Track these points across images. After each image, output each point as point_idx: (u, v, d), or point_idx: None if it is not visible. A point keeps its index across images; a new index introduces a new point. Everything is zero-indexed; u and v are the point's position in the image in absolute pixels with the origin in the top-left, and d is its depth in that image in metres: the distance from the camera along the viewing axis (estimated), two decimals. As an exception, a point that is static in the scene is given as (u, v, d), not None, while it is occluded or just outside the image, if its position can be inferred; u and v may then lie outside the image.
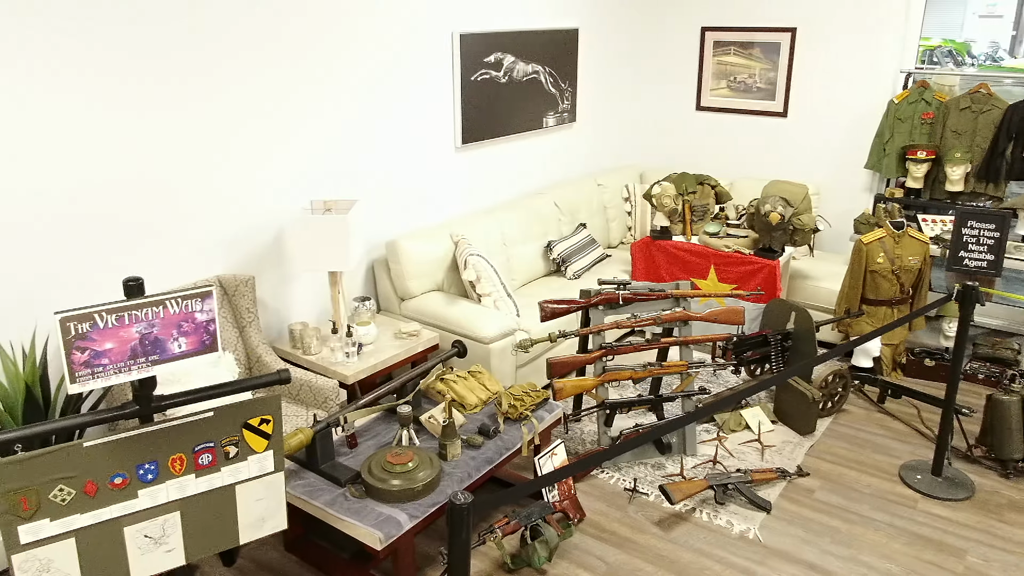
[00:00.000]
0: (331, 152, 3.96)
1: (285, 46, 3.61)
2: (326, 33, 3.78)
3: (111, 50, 2.99)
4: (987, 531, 3.26)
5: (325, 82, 3.83)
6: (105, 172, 3.07)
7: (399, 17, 4.13)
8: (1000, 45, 20.62)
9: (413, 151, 4.42)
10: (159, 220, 3.29)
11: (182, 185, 3.34)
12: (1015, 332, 5.17)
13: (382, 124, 4.19)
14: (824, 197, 5.54)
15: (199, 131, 3.35)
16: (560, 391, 3.49)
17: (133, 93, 3.09)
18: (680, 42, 5.98)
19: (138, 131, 3.14)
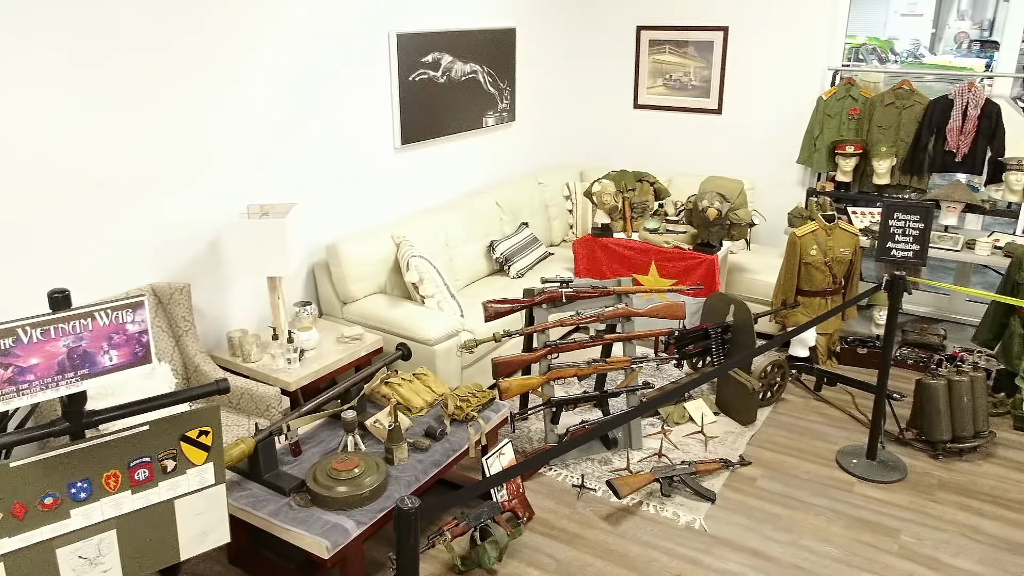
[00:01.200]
0: (268, 155, 3.88)
1: (219, 47, 3.52)
2: (261, 34, 3.70)
3: (36, 51, 2.87)
4: (919, 511, 3.39)
5: (260, 83, 3.75)
6: (26, 178, 2.94)
7: (335, 17, 4.07)
8: (921, 43, 21.36)
9: (352, 152, 4.36)
10: (87, 228, 3.17)
11: (111, 191, 3.23)
12: (941, 318, 5.39)
13: (320, 125, 4.13)
14: (759, 192, 5.68)
15: (128, 135, 3.24)
16: (506, 390, 3.49)
17: (57, 96, 2.97)
18: (616, 41, 6.05)
19: (62, 135, 3.02)
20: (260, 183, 3.87)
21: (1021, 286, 4.15)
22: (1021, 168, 4.58)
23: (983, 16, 23.23)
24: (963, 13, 23.51)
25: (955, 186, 4.89)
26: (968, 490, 3.53)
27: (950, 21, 23.34)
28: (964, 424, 3.74)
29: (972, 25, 22.83)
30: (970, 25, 22.82)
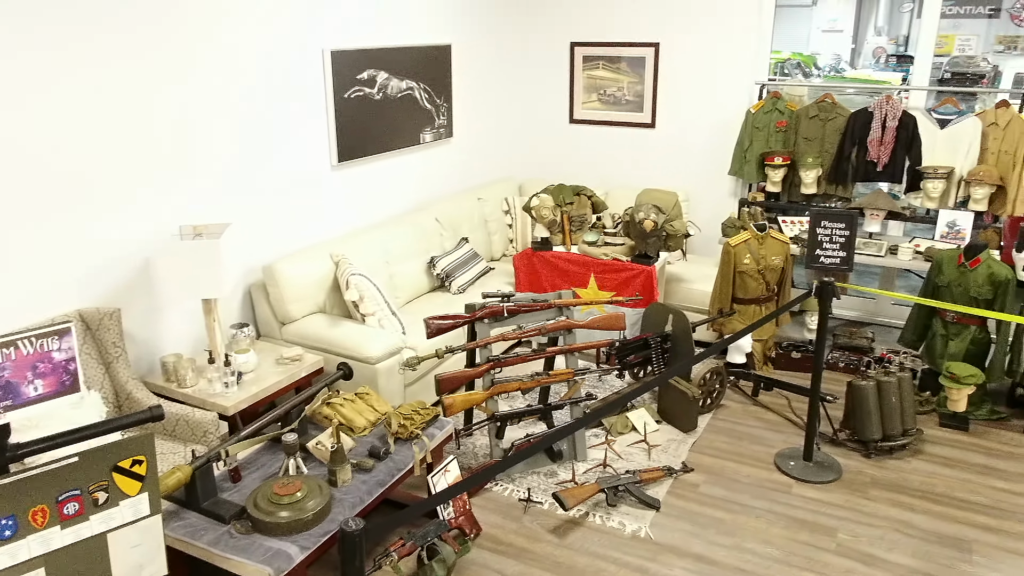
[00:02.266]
0: (201, 174, 3.80)
1: (149, 64, 3.44)
2: (192, 50, 3.63)
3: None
4: (854, 508, 3.50)
5: (191, 101, 3.68)
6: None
7: (268, 34, 4.03)
8: (842, 57, 22.28)
9: (288, 171, 4.31)
10: (7, 251, 3.04)
11: (32, 211, 3.11)
12: (869, 322, 5.60)
13: (254, 144, 4.06)
14: (693, 203, 5.81)
15: (50, 151, 3.13)
16: (450, 407, 3.48)
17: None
18: (551, 57, 6.13)
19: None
20: (193, 203, 3.79)
21: (941, 289, 4.34)
22: (937, 176, 4.80)
23: (899, 32, 24.34)
24: (880, 29, 24.60)
25: (877, 194, 5.10)
26: (899, 486, 3.66)
27: (868, 37, 24.38)
28: (893, 423, 3.89)
29: (889, 40, 23.90)
30: (887, 40, 23.88)
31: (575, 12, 5.93)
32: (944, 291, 4.32)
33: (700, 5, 5.51)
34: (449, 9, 5.40)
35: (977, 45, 22.67)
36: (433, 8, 5.24)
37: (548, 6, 6.02)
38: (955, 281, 4.26)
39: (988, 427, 4.19)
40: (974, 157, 4.82)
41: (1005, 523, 3.39)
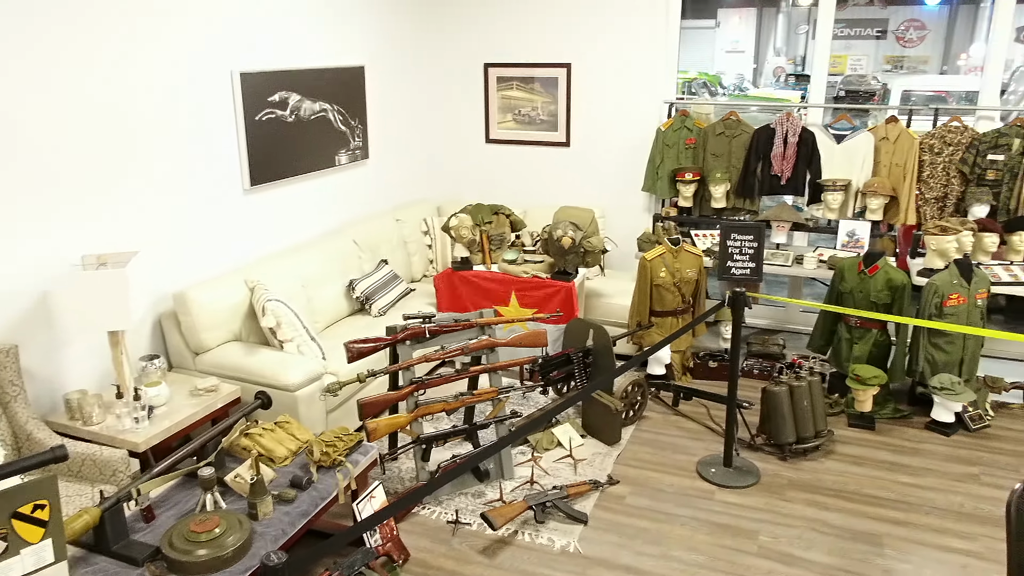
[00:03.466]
0: (104, 201, 3.64)
1: (47, 83, 3.28)
2: (92, 70, 3.49)
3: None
4: (773, 510, 3.61)
5: (94, 125, 3.53)
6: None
7: (174, 56, 3.91)
8: (745, 77, 23.28)
9: (198, 196, 4.18)
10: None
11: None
12: (780, 329, 5.82)
13: (162, 168, 3.93)
14: (609, 219, 5.93)
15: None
16: (374, 431, 3.42)
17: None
18: (466, 78, 6.18)
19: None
20: (96, 231, 3.63)
21: (844, 295, 4.56)
22: (836, 189, 5.05)
23: (796, 53, 25.64)
24: (779, 50, 25.85)
25: (782, 207, 5.33)
26: (814, 486, 3.80)
27: (768, 57, 25.60)
28: (806, 426, 4.04)
29: (787, 61, 25.14)
30: (785, 61, 25.11)
31: (488, 33, 6.00)
32: (847, 297, 4.53)
33: (609, 27, 5.66)
34: (361, 31, 5.38)
35: (867, 65, 24.08)
36: (345, 30, 5.20)
37: (461, 28, 6.07)
38: (856, 287, 4.48)
39: (892, 425, 4.40)
40: (868, 170, 5.10)
41: (912, 516, 3.56)
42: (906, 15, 23.51)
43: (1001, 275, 4.60)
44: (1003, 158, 4.80)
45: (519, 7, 5.86)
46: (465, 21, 6.04)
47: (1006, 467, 3.94)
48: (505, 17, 5.92)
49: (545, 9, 5.80)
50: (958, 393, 4.19)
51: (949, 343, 4.33)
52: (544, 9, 5.80)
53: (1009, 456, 4.05)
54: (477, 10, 5.98)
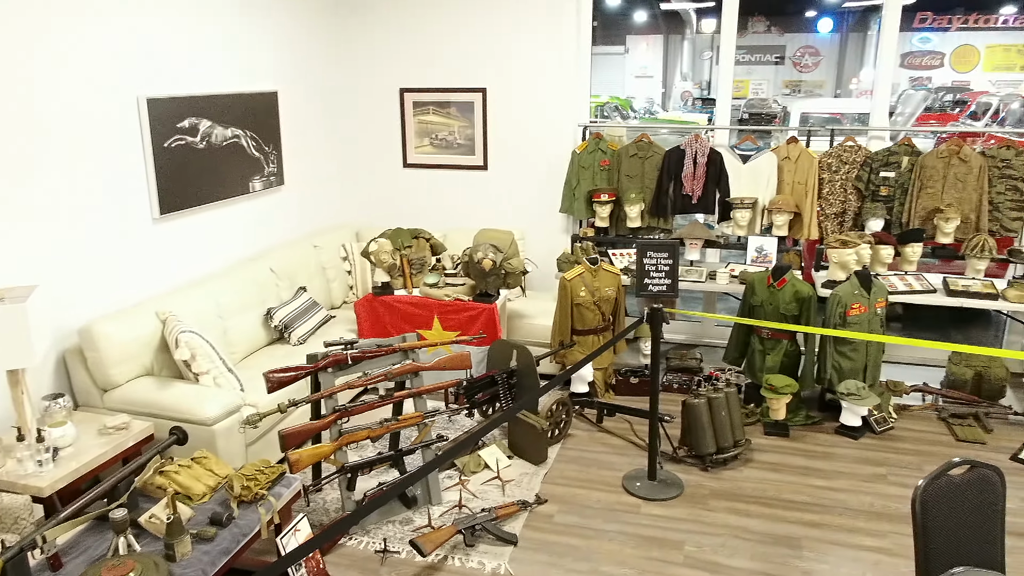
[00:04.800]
0: (1, 232, 3.46)
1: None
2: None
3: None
4: (697, 520, 3.70)
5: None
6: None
7: (77, 80, 3.76)
8: (654, 101, 24.03)
9: (104, 225, 4.01)
10: None
11: None
12: (696, 343, 5.99)
13: (64, 198, 3.76)
14: (528, 241, 6.00)
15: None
16: (296, 462, 3.34)
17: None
18: (381, 103, 6.17)
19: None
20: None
21: (755, 308, 4.74)
22: (744, 206, 5.26)
23: (701, 77, 26.69)
24: (685, 75, 26.85)
25: (694, 225, 5.51)
26: (735, 495, 3.92)
27: (676, 82, 26.54)
28: (725, 436, 4.16)
29: (694, 85, 26.13)
30: (692, 85, 26.09)
31: (403, 59, 6.02)
32: (758, 310, 4.71)
33: (523, 53, 5.77)
34: (274, 56, 5.31)
35: (768, 89, 25.25)
36: (257, 55, 5.13)
37: (376, 53, 6.06)
38: (766, 300, 4.67)
39: (805, 431, 4.58)
40: (773, 188, 5.34)
41: (827, 517, 3.71)
42: (801, 42, 24.85)
43: (897, 285, 4.87)
44: (894, 175, 5.11)
45: (434, 33, 5.91)
46: (380, 47, 6.04)
47: (910, 466, 4.16)
48: (420, 43, 5.95)
49: (460, 35, 5.86)
50: (863, 398, 4.41)
51: (853, 351, 4.56)
52: (459, 35, 5.86)
53: (912, 456, 4.27)
54: (392, 35, 6.00)
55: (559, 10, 5.63)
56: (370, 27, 6.03)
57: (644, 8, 23.50)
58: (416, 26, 5.93)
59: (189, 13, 4.50)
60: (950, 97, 17.03)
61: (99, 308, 4.00)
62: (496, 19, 5.76)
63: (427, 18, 5.89)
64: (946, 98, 17.03)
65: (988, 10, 21.54)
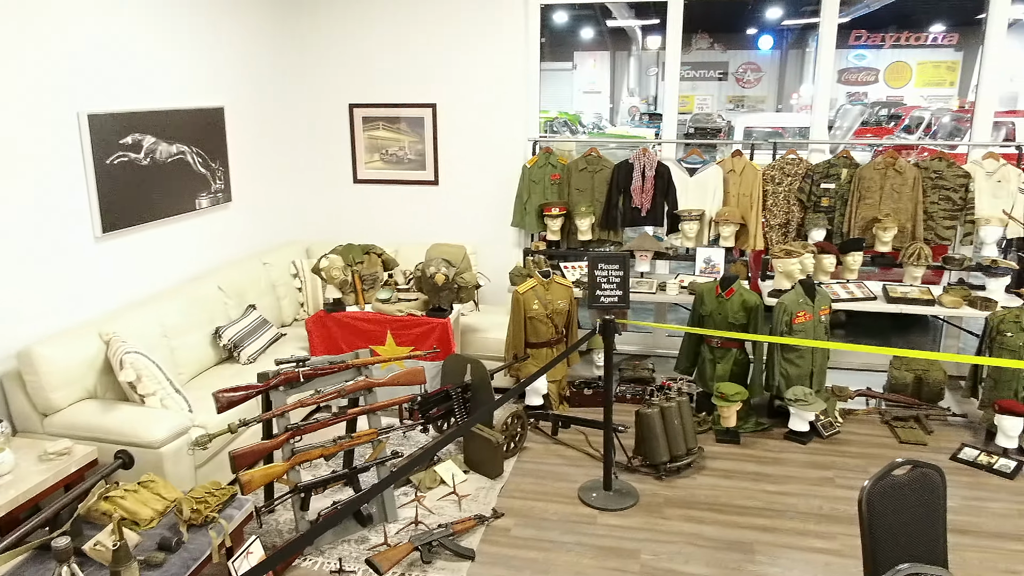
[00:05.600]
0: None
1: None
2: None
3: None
4: (653, 529, 3.74)
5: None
6: None
7: (12, 96, 3.66)
8: (603, 116, 24.38)
9: (43, 245, 3.89)
10: None
11: None
12: (648, 354, 6.07)
13: (1, 217, 3.64)
14: (481, 255, 6.02)
15: None
16: (248, 484, 3.27)
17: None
18: (331, 118, 6.13)
19: None
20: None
21: (705, 318, 4.82)
22: (691, 218, 5.37)
23: (648, 93, 27.17)
24: (632, 90, 27.30)
25: (644, 237, 5.59)
26: (688, 502, 3.97)
27: (623, 97, 26.97)
28: (678, 444, 4.22)
29: (641, 100, 26.59)
30: (639, 100, 26.54)
31: (352, 74, 6.00)
32: (707, 320, 4.80)
33: (472, 68, 5.81)
34: (220, 71, 5.24)
35: (712, 104, 25.83)
36: (202, 70, 5.05)
37: (325, 68, 6.03)
38: (715, 310, 4.76)
39: (755, 438, 4.67)
40: (719, 200, 5.46)
41: (778, 522, 3.78)
42: (744, 59, 25.52)
43: (840, 292, 5.02)
44: (834, 186, 5.27)
45: (383, 49, 5.91)
46: (329, 62, 6.01)
47: (856, 468, 4.27)
48: (369, 58, 5.95)
49: (409, 51, 5.87)
50: (810, 403, 4.52)
51: (800, 357, 4.67)
52: (408, 51, 5.88)
53: (858, 459, 4.39)
54: (341, 51, 5.98)
55: (507, 27, 5.69)
56: (319, 43, 6.00)
57: (591, 25, 23.85)
58: (365, 42, 5.93)
59: (131, 28, 4.42)
60: (885, 112, 17.67)
61: (39, 330, 3.88)
62: (445, 35, 5.79)
63: (376, 34, 5.90)
64: (881, 112, 17.66)
65: (918, 28, 22.46)
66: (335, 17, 5.93)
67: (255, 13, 5.61)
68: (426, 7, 5.78)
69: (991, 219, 5.04)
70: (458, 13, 5.74)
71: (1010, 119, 12.72)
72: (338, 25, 5.94)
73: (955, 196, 5.13)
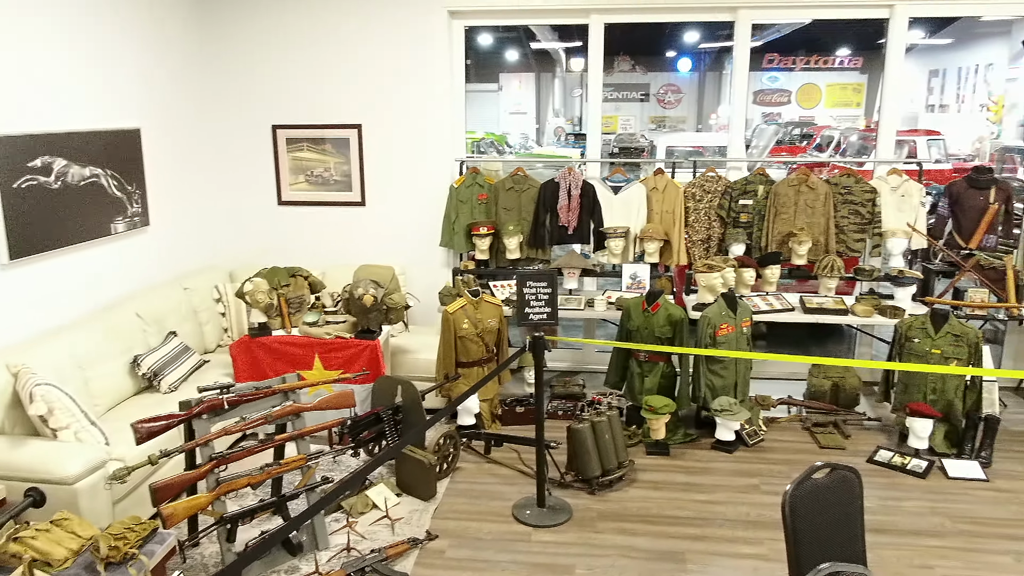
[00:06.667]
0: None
1: None
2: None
3: None
4: (587, 543, 3.76)
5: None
6: None
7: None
8: (529, 136, 24.66)
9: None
10: None
11: None
12: (579, 370, 6.13)
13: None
14: (409, 275, 5.99)
15: None
16: (170, 517, 3.15)
17: None
18: (253, 140, 6.02)
19: None
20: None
21: (632, 332, 4.91)
22: (616, 236, 5.47)
23: (572, 114, 27.66)
24: (558, 111, 27.75)
25: (571, 255, 5.67)
26: (621, 515, 4.01)
27: (549, 118, 27.38)
28: (610, 458, 4.27)
29: (566, 121, 27.04)
30: (564, 121, 26.99)
31: (275, 95, 5.92)
32: (635, 334, 4.89)
33: (397, 89, 5.80)
34: (135, 92, 5.09)
35: (635, 124, 26.48)
36: (116, 91, 4.90)
37: (246, 89, 5.93)
38: (642, 325, 4.86)
39: (684, 449, 4.77)
40: (643, 217, 5.59)
41: (708, 530, 3.86)
42: (664, 80, 26.29)
43: (760, 304, 5.19)
44: (752, 202, 5.47)
45: (306, 70, 5.85)
46: (250, 82, 5.92)
47: (780, 474, 4.40)
48: (292, 79, 5.88)
49: (333, 72, 5.84)
50: (735, 413, 4.64)
51: (724, 368, 4.80)
52: (332, 72, 5.84)
53: (782, 465, 4.53)
54: (262, 71, 5.89)
55: (432, 48, 5.72)
56: (239, 63, 5.90)
57: (516, 47, 24.18)
58: (288, 62, 5.86)
59: (38, 48, 4.26)
60: (798, 131, 18.46)
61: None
62: (370, 57, 5.78)
63: (299, 55, 5.84)
64: (794, 132, 18.44)
65: (826, 52, 23.60)
66: (255, 38, 5.84)
67: (171, 32, 5.49)
68: (349, 28, 5.76)
69: (897, 231, 5.31)
70: (382, 35, 5.74)
71: (911, 138, 13.46)
72: (258, 46, 5.86)
73: (863, 210, 5.38)
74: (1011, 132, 14.67)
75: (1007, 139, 14.40)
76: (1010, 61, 15.03)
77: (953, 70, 18.68)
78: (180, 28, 5.59)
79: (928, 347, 4.65)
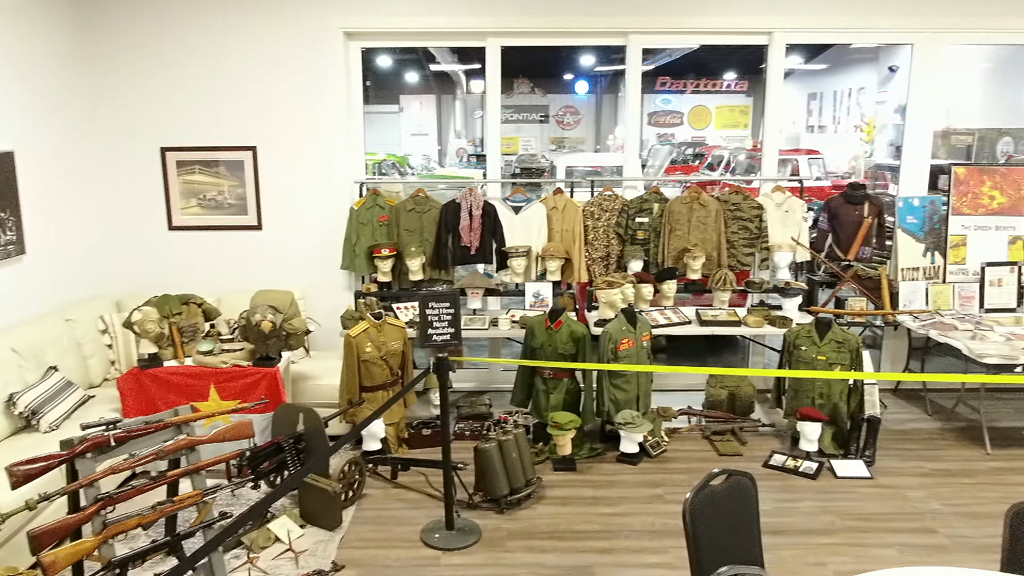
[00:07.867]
0: None
1: None
2: None
3: None
4: (497, 563, 3.75)
5: None
6: None
7: None
8: (431, 157, 24.69)
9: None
10: None
11: None
12: (485, 389, 6.13)
13: None
14: (310, 300, 5.85)
15: None
16: (52, 565, 2.94)
17: None
18: (141, 162, 5.77)
19: None
20: None
21: (536, 350, 4.96)
22: (518, 255, 5.53)
23: (474, 135, 27.86)
24: (459, 132, 27.89)
25: (474, 275, 5.69)
26: (530, 533, 4.03)
27: (450, 139, 27.47)
28: (517, 477, 4.28)
29: (468, 142, 27.19)
30: (466, 142, 27.14)
31: (164, 116, 5.69)
32: (539, 352, 4.94)
33: (293, 111, 5.70)
34: (7, 113, 4.79)
35: (536, 145, 26.90)
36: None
37: (131, 110, 5.68)
38: (546, 342, 4.91)
39: (591, 463, 4.83)
40: (544, 236, 5.68)
41: (615, 542, 3.92)
42: (563, 102, 26.86)
43: (658, 319, 5.35)
44: (648, 220, 5.64)
45: (196, 90, 5.67)
46: (137, 103, 5.67)
47: (682, 483, 4.53)
48: (182, 100, 5.68)
49: (224, 93, 5.67)
50: (638, 426, 4.75)
51: (626, 382, 4.91)
52: (224, 93, 5.67)
53: (684, 474, 4.66)
54: (149, 92, 5.66)
55: (329, 69, 5.65)
56: (123, 83, 5.65)
57: (416, 69, 24.17)
58: (177, 82, 5.66)
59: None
60: (690, 151, 19.21)
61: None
62: (264, 78, 5.66)
63: (189, 73, 5.65)
64: (687, 152, 19.18)
65: (714, 76, 24.72)
66: (142, 56, 5.61)
67: (49, 49, 5.21)
68: (241, 48, 5.62)
69: (782, 245, 5.59)
70: (277, 55, 5.63)
71: (794, 156, 14.25)
72: (146, 64, 5.63)
73: (751, 226, 5.64)
74: (882, 151, 15.74)
75: (879, 157, 15.46)
76: (879, 85, 16.17)
77: (829, 93, 19.91)
78: (58, 45, 5.31)
79: (814, 354, 4.90)
